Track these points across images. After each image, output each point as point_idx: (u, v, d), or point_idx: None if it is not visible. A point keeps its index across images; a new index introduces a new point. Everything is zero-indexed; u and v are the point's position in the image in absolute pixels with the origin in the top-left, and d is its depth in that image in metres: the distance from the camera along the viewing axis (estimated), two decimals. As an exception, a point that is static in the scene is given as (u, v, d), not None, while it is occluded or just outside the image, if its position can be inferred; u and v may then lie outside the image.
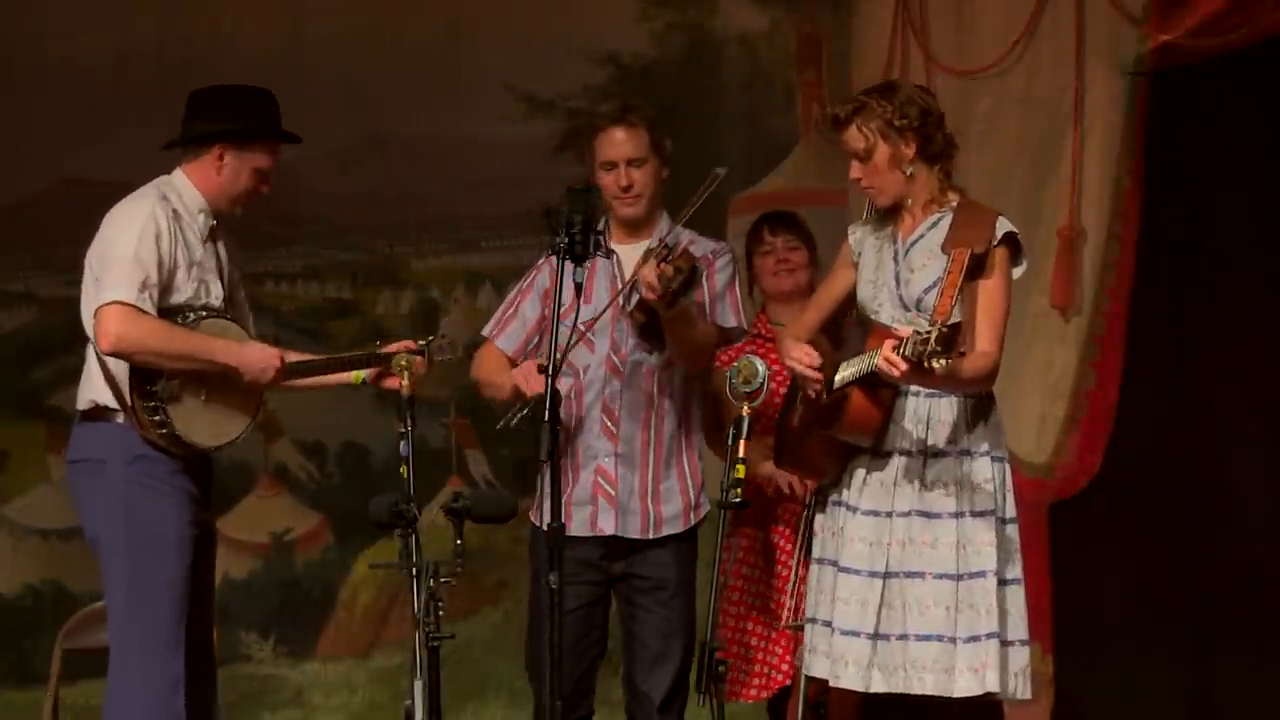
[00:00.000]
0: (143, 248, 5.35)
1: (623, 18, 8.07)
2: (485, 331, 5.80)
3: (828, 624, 5.30)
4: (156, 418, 5.36)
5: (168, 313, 5.40)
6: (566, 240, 5.13)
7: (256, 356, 5.44)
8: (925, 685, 5.14)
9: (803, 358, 5.29)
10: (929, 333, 4.81)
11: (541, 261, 5.73)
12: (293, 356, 5.59)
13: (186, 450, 5.43)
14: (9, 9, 8.10)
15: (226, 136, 5.50)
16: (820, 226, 6.32)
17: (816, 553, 5.43)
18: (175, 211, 5.46)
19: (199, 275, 5.47)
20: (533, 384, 5.43)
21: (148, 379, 5.36)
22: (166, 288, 5.40)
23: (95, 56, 8.19)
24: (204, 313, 5.45)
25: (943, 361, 4.78)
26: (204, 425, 5.44)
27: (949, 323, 4.84)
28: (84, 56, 8.17)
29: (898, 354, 4.89)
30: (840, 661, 5.24)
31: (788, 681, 5.97)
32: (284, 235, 8.10)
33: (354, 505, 7.24)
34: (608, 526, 5.59)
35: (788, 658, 5.97)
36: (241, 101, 5.57)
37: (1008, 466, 5.28)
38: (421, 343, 5.62)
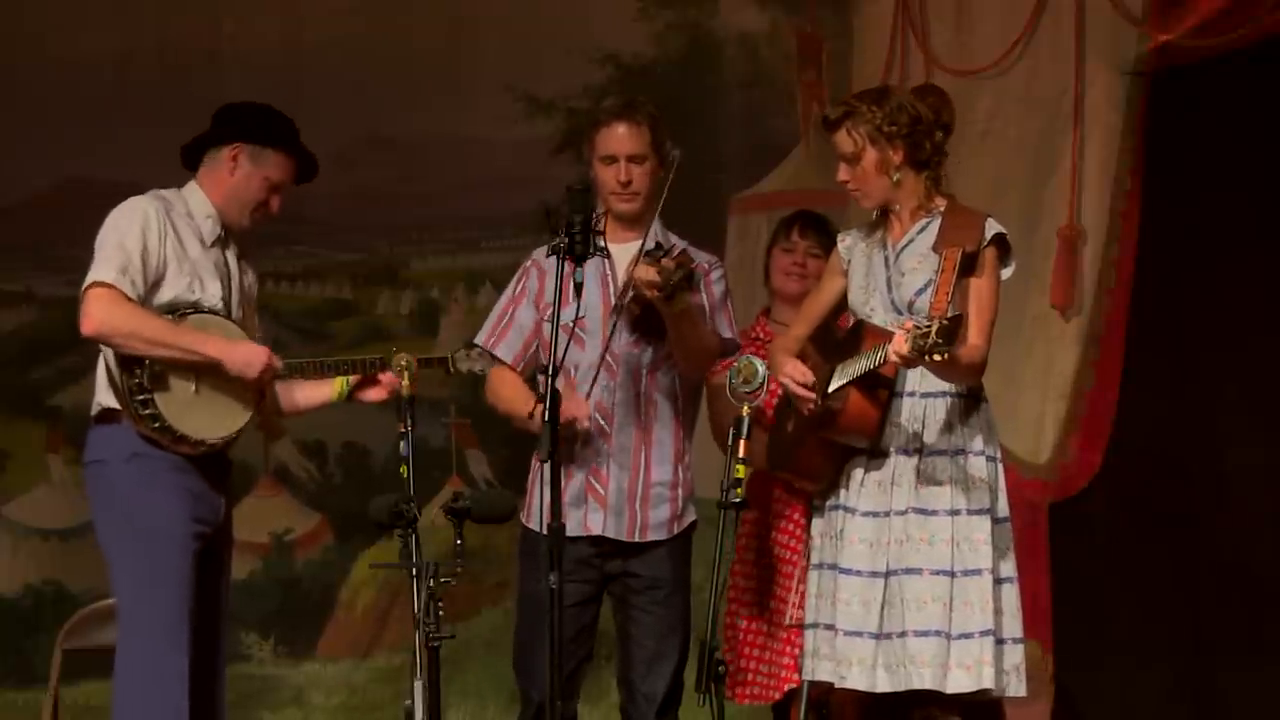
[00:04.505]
0: (128, 236, 5.36)
1: (623, 18, 8.07)
2: (479, 339, 5.72)
3: (830, 627, 5.34)
4: (147, 411, 5.34)
5: (157, 309, 5.38)
6: (566, 240, 5.13)
7: (243, 350, 5.42)
8: (924, 680, 5.18)
9: (795, 375, 5.35)
10: (929, 325, 4.88)
11: (528, 264, 5.70)
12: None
13: (187, 446, 5.41)
14: (9, 9, 8.10)
15: (244, 135, 5.50)
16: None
17: (814, 559, 5.47)
18: (169, 209, 5.45)
19: (192, 272, 5.44)
20: (581, 412, 5.44)
21: (131, 368, 5.34)
22: (157, 282, 5.39)
23: (97, 56, 8.19)
24: (193, 309, 5.43)
25: (945, 354, 4.86)
26: (200, 417, 5.41)
27: (950, 315, 4.92)
28: (85, 56, 8.17)
29: (906, 346, 4.94)
30: (845, 663, 5.29)
31: (796, 683, 5.95)
32: (284, 235, 8.09)
33: (354, 505, 7.26)
34: (595, 526, 5.58)
35: (795, 658, 5.94)
36: (265, 114, 5.58)
37: (1000, 466, 5.35)
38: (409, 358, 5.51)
